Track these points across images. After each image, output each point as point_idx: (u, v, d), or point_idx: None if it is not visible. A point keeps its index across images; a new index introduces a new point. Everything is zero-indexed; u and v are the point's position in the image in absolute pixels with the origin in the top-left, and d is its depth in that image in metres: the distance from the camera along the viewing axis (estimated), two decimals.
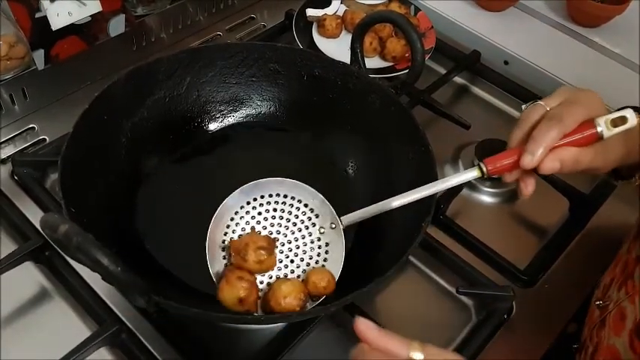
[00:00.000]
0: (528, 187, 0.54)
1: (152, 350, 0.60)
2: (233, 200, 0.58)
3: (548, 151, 0.50)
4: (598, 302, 0.62)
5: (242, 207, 0.58)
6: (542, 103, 0.53)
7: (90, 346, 0.58)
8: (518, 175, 0.53)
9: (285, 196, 0.59)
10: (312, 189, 0.58)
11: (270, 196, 0.59)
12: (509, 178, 0.54)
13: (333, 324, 0.65)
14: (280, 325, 0.64)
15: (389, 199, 0.55)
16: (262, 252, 0.55)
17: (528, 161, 0.50)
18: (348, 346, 0.64)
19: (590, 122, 0.51)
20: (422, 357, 0.42)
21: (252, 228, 0.58)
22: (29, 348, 0.61)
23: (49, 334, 0.62)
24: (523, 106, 0.55)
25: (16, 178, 0.74)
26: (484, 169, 0.52)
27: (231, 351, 0.63)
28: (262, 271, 0.56)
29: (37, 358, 0.59)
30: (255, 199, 0.59)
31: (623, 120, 0.50)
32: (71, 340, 0.59)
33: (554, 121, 0.50)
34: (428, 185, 0.55)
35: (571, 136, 0.51)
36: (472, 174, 0.53)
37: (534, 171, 0.52)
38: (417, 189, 0.55)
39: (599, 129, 0.50)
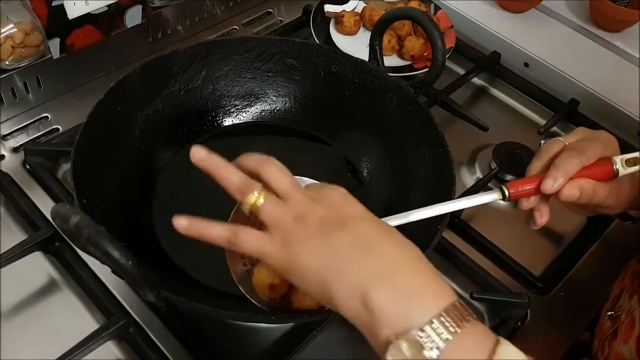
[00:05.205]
0: (543, 216, 0.55)
1: (159, 345, 0.60)
2: None
3: (568, 178, 0.52)
4: (610, 313, 0.61)
5: None
6: (561, 139, 0.56)
7: (97, 339, 0.58)
8: (535, 203, 0.55)
9: None
10: None
11: None
12: (526, 205, 0.55)
13: (343, 324, 0.64)
14: (290, 324, 0.64)
15: (408, 212, 0.54)
16: None
17: (549, 186, 0.52)
18: (357, 347, 0.64)
19: (607, 160, 0.54)
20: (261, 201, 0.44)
21: None
22: (36, 339, 0.61)
23: (56, 325, 0.62)
24: (542, 142, 0.58)
25: (27, 167, 0.74)
26: (506, 193, 0.53)
27: (239, 349, 0.62)
28: None
29: (43, 350, 0.59)
30: None
31: (636, 161, 0.54)
32: (78, 332, 0.58)
33: (575, 152, 0.53)
34: (448, 202, 0.55)
35: (590, 169, 0.53)
36: (493, 196, 0.54)
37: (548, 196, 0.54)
38: (437, 205, 0.54)
39: (615, 166, 0.53)
